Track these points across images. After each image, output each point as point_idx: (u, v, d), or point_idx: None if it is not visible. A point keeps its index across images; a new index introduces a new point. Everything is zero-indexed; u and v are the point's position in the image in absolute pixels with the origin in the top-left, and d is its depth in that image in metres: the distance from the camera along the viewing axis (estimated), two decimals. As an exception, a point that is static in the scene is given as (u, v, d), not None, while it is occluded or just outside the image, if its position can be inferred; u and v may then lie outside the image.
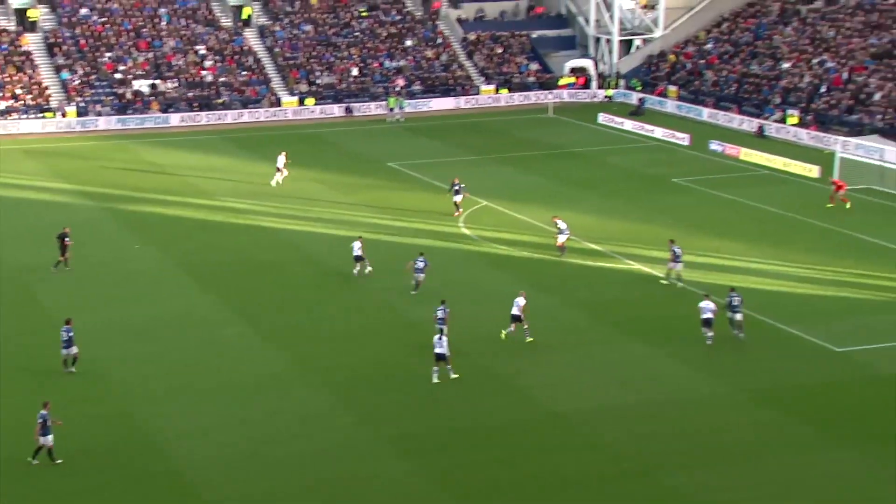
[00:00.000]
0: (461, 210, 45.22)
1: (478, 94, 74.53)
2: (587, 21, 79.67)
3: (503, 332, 32.50)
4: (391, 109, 70.20)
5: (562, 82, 75.72)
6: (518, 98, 74.27)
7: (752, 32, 72.58)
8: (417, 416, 28.25)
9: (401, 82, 73.86)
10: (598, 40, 78.99)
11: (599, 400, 28.82)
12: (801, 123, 61.69)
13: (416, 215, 45.59)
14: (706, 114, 67.20)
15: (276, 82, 73.65)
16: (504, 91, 74.79)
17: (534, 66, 77.47)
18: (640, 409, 28.28)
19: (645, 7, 79.88)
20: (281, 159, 52.12)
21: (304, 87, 73.02)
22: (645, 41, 78.13)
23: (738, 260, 39.60)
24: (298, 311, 35.78)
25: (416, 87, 74.50)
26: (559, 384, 29.74)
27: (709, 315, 31.84)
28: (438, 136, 64.52)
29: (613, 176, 53.94)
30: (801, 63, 66.65)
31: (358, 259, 38.74)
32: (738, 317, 32.36)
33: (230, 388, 29.85)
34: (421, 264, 36.94)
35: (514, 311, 32.39)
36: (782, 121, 62.77)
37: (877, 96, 60.29)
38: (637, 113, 69.06)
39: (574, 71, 76.77)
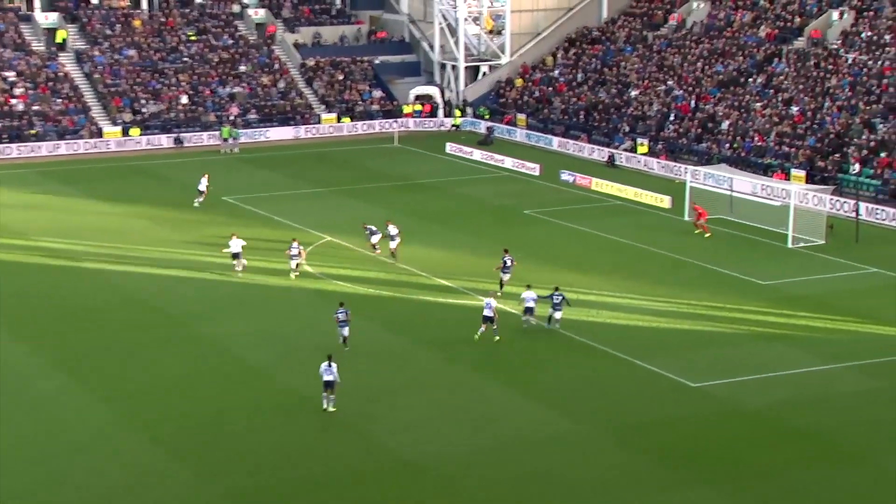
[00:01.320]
0: (379, 250, 45.34)
1: (318, 122, 74.50)
2: (431, 47, 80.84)
3: (476, 334, 35.43)
4: (225, 140, 69.35)
5: (407, 110, 76.45)
6: (361, 127, 74.58)
7: (600, 59, 75.04)
8: (258, 467, 27.74)
9: (235, 110, 73.13)
10: (443, 67, 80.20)
11: (454, 444, 28.92)
12: (651, 152, 63.99)
13: (253, 253, 45.07)
14: (556, 143, 68.92)
15: (97, 111, 71.81)
16: (346, 120, 75.00)
17: (377, 94, 78.00)
18: (497, 451, 28.53)
19: (491, 32, 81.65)
20: (203, 181, 53.23)
21: (128, 117, 71.42)
22: (492, 67, 79.79)
23: (592, 294, 40.59)
24: (124, 359, 34.73)
25: (252, 115, 73.90)
26: (411, 429, 29.74)
27: (531, 304, 36.30)
28: (277, 167, 64.07)
29: (463, 208, 54.62)
30: (649, 91, 69.23)
31: (236, 256, 42.45)
32: (557, 315, 36.39)
33: (48, 447, 28.65)
34: (295, 251, 41.44)
35: (487, 312, 35.27)
36: (632, 150, 64.95)
37: (724, 125, 63.12)
38: (485, 142, 70.28)
39: (419, 98, 77.65)
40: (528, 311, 36.43)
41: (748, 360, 34.34)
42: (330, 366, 30.30)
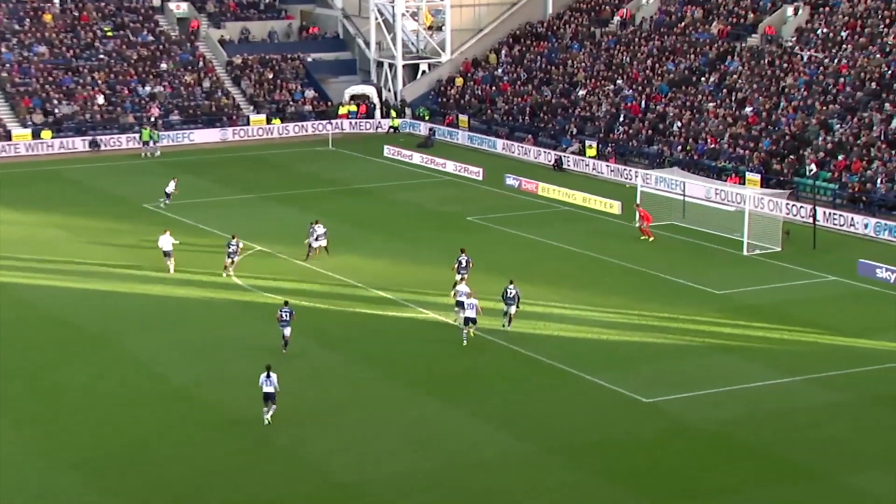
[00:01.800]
0: (313, 255, 46.09)
1: (247, 124, 74.21)
2: (367, 44, 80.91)
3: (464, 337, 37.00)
4: (145, 143, 68.80)
5: (342, 111, 76.43)
6: (293, 129, 74.41)
7: (545, 57, 75.65)
8: (185, 495, 27.57)
9: (156, 111, 72.58)
10: (380, 65, 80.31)
11: (393, 466, 29.00)
12: (600, 155, 64.64)
13: (178, 263, 44.77)
14: (500, 145, 69.34)
15: (5, 112, 70.88)
16: (277, 121, 74.78)
17: (310, 94, 77.88)
18: (439, 473, 28.65)
19: (430, 29, 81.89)
20: (172, 184, 54.50)
21: (39, 118, 70.56)
22: (431, 66, 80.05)
23: (539, 305, 40.91)
24: (38, 379, 34.33)
25: (175, 116, 73.39)
26: (348, 451, 29.77)
27: (462, 298, 37.62)
28: (202, 172, 63.72)
29: (402, 214, 54.73)
30: (597, 90, 69.92)
31: (167, 254, 43.94)
32: (511, 309, 37.80)
33: (-45, 476, 28.23)
34: (234, 247, 43.46)
35: (469, 312, 36.60)
36: (580, 153, 65.56)
37: (676, 126, 63.94)
38: (426, 145, 70.49)
39: (355, 99, 77.68)
40: (458, 304, 37.63)
41: (702, 374, 34.83)
42: (269, 377, 30.57)
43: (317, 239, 45.71)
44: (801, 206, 52.81)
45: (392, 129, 75.46)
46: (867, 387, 33.82)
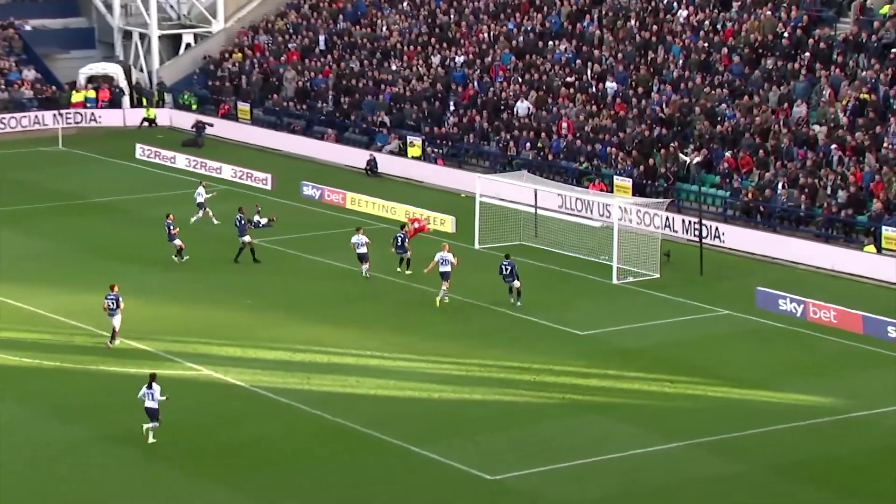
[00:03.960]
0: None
1: (-58, 116, 72.58)
2: (109, 7, 79.92)
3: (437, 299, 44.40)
4: None
5: (76, 98, 75.37)
6: (7, 122, 73.06)
7: (348, 20, 76.16)
8: None
9: None
10: (128, 36, 79.49)
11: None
12: (426, 155, 65.30)
13: None
14: (294, 142, 69.39)
15: None
16: (-16, 111, 73.39)
17: (30, 75, 76.60)
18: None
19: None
20: (201, 192, 55.54)
21: None
22: (199, 37, 79.61)
23: (350, 355, 41.10)
24: None
25: None
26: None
27: (362, 250, 47.81)
28: None
29: (160, 238, 54.20)
30: (417, 64, 70.56)
31: None
32: (515, 284, 45.29)
33: None
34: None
35: (444, 267, 44.65)
36: (401, 152, 66.15)
37: (521, 108, 64.83)
38: (193, 143, 70.12)
39: (94, 81, 76.68)
40: (361, 258, 47.70)
41: (563, 441, 35.48)
42: (151, 387, 33.71)
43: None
44: (685, 220, 54.15)
45: (147, 123, 74.77)
46: (769, 453, 34.87)
